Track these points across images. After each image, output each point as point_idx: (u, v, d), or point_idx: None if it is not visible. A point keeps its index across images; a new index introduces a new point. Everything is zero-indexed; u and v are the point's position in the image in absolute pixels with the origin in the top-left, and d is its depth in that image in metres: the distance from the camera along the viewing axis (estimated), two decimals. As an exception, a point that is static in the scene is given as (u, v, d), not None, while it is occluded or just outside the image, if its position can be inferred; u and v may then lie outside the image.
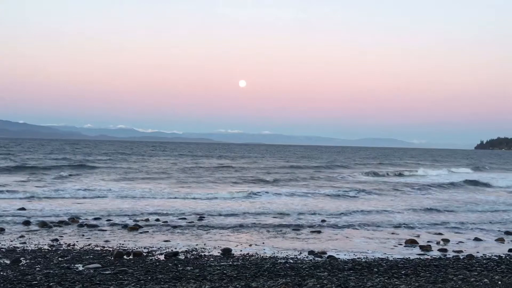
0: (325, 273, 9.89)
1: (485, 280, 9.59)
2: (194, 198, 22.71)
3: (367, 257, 11.77)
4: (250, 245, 12.95)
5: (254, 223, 16.40)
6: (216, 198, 23.02)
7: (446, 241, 14.20)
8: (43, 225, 14.83)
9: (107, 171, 38.47)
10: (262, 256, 11.59)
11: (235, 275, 9.52)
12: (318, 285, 8.88)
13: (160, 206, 19.54)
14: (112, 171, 38.66)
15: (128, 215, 17.17)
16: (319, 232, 15.18)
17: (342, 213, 19.21)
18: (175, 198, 22.63)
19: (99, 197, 21.77)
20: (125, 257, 11.11)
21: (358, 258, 11.62)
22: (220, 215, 17.95)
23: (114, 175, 34.84)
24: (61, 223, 15.29)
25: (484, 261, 11.59)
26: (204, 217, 17.34)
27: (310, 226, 16.14)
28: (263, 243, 13.34)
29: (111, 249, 11.95)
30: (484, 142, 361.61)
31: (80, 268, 9.89)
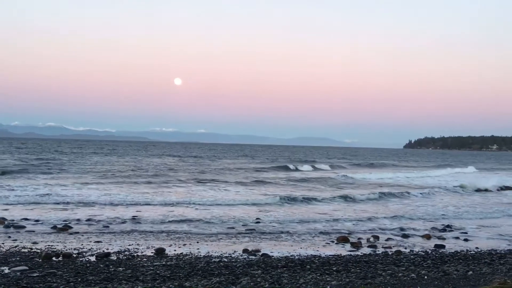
0: (259, 271, 9.96)
1: (412, 275, 9.96)
2: (149, 204, 20.72)
3: (300, 255, 11.95)
4: (185, 245, 12.85)
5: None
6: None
7: (376, 238, 14.61)
8: (-34, 227, 14.14)
9: (47, 172, 36.49)
10: (196, 256, 11.53)
11: (168, 275, 9.43)
12: (251, 283, 8.95)
13: (97, 209, 19.06)
14: (53, 172, 36.72)
15: (60, 217, 16.60)
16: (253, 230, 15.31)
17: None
18: (119, 203, 21.24)
19: (34, 202, 20.14)
20: (54, 258, 10.74)
21: (291, 256, 11.78)
22: (158, 220, 17.67)
23: (56, 177, 33.53)
24: (-15, 225, 14.63)
25: (412, 256, 12.02)
26: (136, 217, 17.04)
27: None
28: (197, 242, 13.28)
29: (39, 250, 11.53)
30: (413, 142, 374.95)
31: (6, 271, 9.49)
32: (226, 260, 11.12)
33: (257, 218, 17.47)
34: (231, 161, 65.15)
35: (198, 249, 12.37)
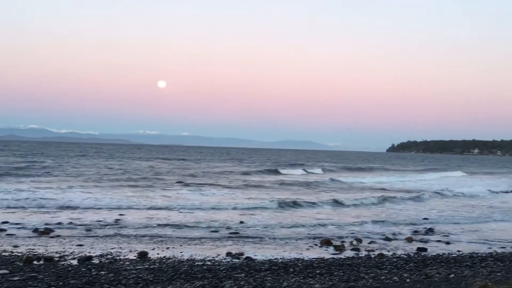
0: (242, 274, 9.96)
1: (395, 277, 10.02)
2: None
3: (283, 258, 11.96)
4: (168, 248, 12.79)
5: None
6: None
7: (359, 241, 14.68)
8: None
9: (31, 175, 35.96)
10: (180, 259, 11.49)
11: (151, 279, 9.39)
12: (235, 287, 8.94)
13: (79, 212, 18.93)
14: (37, 175, 36.07)
15: (42, 221, 16.43)
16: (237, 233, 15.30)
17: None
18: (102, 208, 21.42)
19: (16, 205, 19.65)
20: (35, 262, 10.64)
21: (275, 259, 11.79)
22: (141, 223, 17.59)
23: (40, 180, 33.08)
24: (-35, 228, 14.42)
25: (394, 259, 12.09)
26: (120, 220, 16.95)
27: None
28: (181, 245, 13.22)
29: (20, 254, 11.40)
30: (395, 145, 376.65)
31: (-14, 275, 9.37)
32: (209, 263, 11.10)
33: (241, 222, 17.46)
34: (219, 164, 64.96)
35: (181, 252, 12.32)
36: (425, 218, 20.25)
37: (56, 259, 11.03)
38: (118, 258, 11.38)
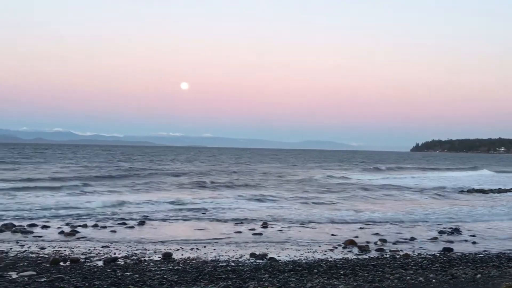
0: (266, 275, 9.94)
1: (420, 278, 9.90)
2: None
3: (307, 258, 11.92)
4: (192, 249, 12.84)
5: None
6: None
7: (383, 241, 14.55)
8: (-26, 232, 14.18)
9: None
10: (204, 260, 11.53)
11: (175, 280, 9.43)
12: (258, 287, 8.93)
13: (106, 214, 19.13)
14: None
15: (67, 222, 16.70)
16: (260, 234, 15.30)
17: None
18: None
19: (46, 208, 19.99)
20: (61, 263, 10.78)
21: (298, 260, 11.75)
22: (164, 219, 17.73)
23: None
24: (-7, 230, 14.67)
25: (420, 260, 11.95)
26: (144, 222, 17.08)
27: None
28: (205, 246, 13.26)
29: (46, 255, 11.56)
30: (420, 145, 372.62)
31: (14, 276, 9.52)
32: (233, 264, 11.11)
33: (263, 223, 17.43)
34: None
35: (205, 253, 12.36)
36: (452, 218, 19.94)
37: (82, 260, 11.16)
38: (142, 259, 11.46)
